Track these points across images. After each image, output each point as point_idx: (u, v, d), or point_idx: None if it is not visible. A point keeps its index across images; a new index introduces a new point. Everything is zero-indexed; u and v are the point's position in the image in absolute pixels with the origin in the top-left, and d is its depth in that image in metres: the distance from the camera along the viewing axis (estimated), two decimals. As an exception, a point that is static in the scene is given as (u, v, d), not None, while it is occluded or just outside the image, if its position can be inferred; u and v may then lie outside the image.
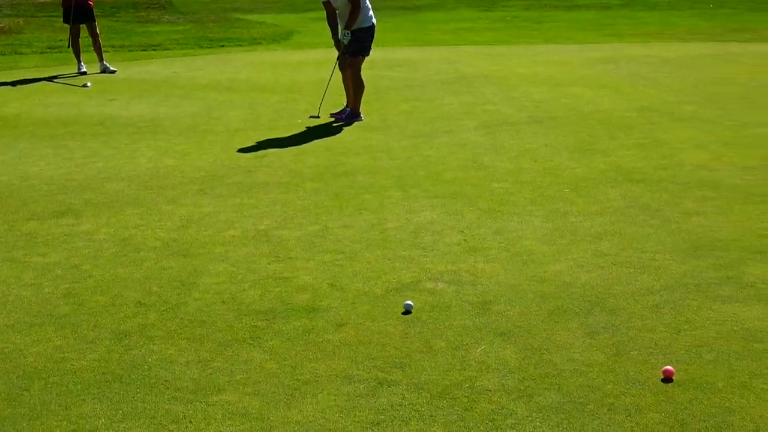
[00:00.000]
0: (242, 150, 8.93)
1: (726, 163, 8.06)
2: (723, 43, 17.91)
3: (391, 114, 10.73)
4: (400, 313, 4.91)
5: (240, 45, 18.70)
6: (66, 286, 5.40)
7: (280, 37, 20.08)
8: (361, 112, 10.42)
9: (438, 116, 10.52)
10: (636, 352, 4.42)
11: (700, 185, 7.34)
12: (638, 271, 5.50)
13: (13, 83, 13.51)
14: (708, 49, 16.74)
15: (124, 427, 3.80)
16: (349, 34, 10.05)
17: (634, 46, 17.54)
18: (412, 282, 5.37)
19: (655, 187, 7.33)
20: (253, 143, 9.23)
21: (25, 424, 3.83)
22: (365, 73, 10.56)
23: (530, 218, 6.57)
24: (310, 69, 14.67)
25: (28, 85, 13.40)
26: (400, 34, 20.31)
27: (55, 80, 13.85)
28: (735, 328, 4.68)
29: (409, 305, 4.89)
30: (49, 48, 17.73)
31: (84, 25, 14.41)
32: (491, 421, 3.81)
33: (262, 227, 6.46)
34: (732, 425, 3.75)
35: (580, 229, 6.32)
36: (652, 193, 7.14)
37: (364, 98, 10.51)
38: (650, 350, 4.44)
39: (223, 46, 18.51)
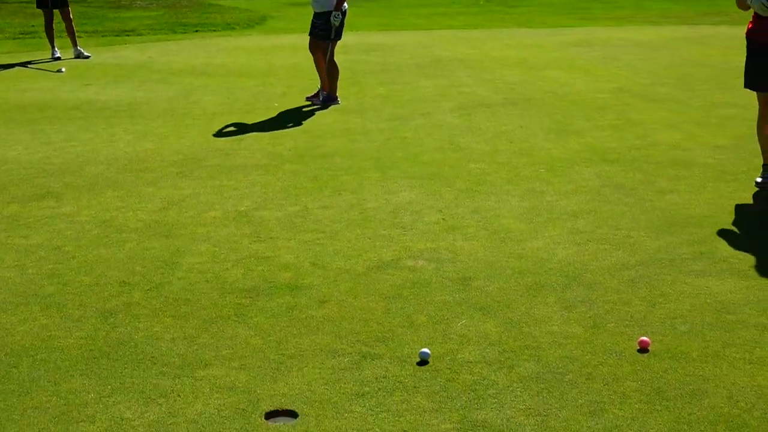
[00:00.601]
0: (220, 133, 8.97)
1: (698, 143, 8.19)
2: (695, 26, 18.10)
3: (367, 97, 10.79)
4: (382, 291, 5.00)
5: (214, 30, 18.67)
6: (50, 266, 5.44)
7: (254, 22, 20.06)
8: (338, 96, 10.47)
9: (414, 99, 10.60)
10: (613, 325, 4.54)
11: (673, 164, 7.48)
12: (614, 247, 5.62)
13: (-13, 69, 13.45)
14: (680, 32, 16.92)
15: (114, 401, 3.86)
16: (340, 15, 10.09)
17: (608, 30, 17.68)
18: (392, 260, 5.46)
19: (629, 166, 7.45)
20: (230, 127, 9.27)
21: (15, 400, 3.89)
22: (340, 57, 10.61)
23: (507, 197, 6.67)
24: (285, 53, 14.68)
25: (2, 71, 13.32)
26: (374, 19, 20.34)
27: (29, 66, 13.78)
28: (708, 300, 4.81)
29: (426, 354, 4.20)
30: (22, 33, 17.62)
31: (57, 11, 14.34)
32: (473, 391, 3.91)
33: (242, 208, 6.52)
34: (706, 392, 3.87)
35: (557, 207, 6.42)
36: (626, 173, 7.26)
37: (339, 82, 10.56)
38: (626, 323, 4.56)
39: (197, 31, 18.47)
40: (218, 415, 3.75)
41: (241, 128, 9.20)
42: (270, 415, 3.77)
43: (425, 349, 4.20)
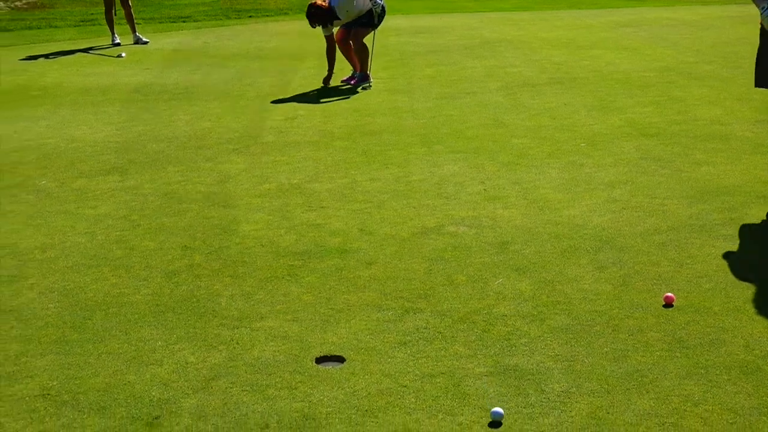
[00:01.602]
0: (274, 113, 9.36)
1: (738, 118, 8.38)
2: (743, 5, 18.03)
3: (415, 78, 11.10)
4: (425, 254, 5.34)
5: (268, 15, 19.09)
6: (117, 233, 5.87)
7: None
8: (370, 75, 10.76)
9: (461, 79, 10.89)
10: (641, 283, 4.82)
11: (712, 138, 7.69)
12: (647, 214, 5.89)
13: (51, 55, 13.99)
14: (728, 11, 16.96)
15: (179, 348, 4.26)
16: (380, 3, 10.44)
17: (657, 10, 17.77)
18: (436, 226, 5.79)
19: (669, 140, 7.69)
20: (284, 107, 9.66)
21: (90, 346, 4.31)
22: (390, 39, 10.92)
23: (547, 170, 6.96)
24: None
25: (65, 56, 13.86)
26: (425, 2, 20.62)
27: (90, 51, 14.31)
28: (734, 261, 5.07)
29: (498, 414, 3.64)
30: (83, 21, 18.20)
31: (116, -2, 14.86)
32: (507, 341, 4.24)
33: (295, 181, 6.90)
34: (724, 341, 4.16)
35: (595, 178, 6.70)
36: (664, 146, 7.50)
37: (389, 63, 10.88)
38: (654, 281, 4.84)
39: (251, 16, 18.90)
40: (273, 359, 4.13)
41: (294, 108, 9.58)
42: (320, 360, 4.14)
43: (499, 410, 3.66)
